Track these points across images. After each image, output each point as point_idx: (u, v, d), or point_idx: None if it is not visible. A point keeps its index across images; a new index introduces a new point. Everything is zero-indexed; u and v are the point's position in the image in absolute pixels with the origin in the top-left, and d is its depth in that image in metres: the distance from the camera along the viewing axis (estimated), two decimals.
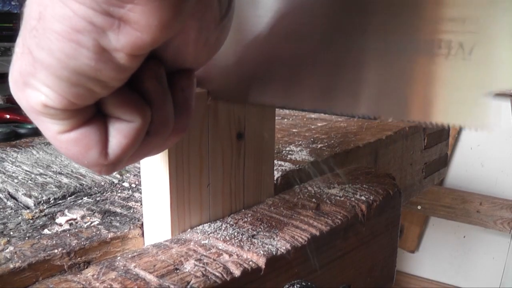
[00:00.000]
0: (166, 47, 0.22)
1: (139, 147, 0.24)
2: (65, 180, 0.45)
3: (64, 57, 0.19)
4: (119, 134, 0.23)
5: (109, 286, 0.27)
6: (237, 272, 0.30)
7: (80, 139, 0.22)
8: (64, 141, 0.22)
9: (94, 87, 0.20)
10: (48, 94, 0.20)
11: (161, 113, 0.24)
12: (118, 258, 0.31)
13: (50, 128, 0.22)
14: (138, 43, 0.19)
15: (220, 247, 0.32)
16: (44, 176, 0.46)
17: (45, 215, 0.37)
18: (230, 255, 0.31)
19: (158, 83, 0.23)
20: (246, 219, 0.37)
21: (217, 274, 0.29)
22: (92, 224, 0.35)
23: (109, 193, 0.43)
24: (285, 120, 0.78)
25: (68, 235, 0.33)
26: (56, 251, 0.31)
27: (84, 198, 0.41)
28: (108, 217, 0.37)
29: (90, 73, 0.20)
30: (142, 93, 0.23)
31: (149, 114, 0.23)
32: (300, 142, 0.61)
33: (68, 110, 0.21)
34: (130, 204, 0.40)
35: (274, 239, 0.34)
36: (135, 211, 0.38)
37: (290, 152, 0.55)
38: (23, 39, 0.20)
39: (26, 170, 0.48)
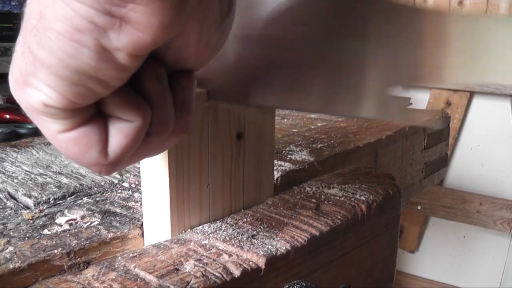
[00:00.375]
0: (167, 48, 0.22)
1: (139, 147, 0.24)
2: (65, 180, 0.45)
3: (65, 56, 0.19)
4: (119, 133, 0.23)
5: (109, 287, 0.27)
6: (237, 273, 0.30)
7: (80, 138, 0.22)
8: (64, 141, 0.22)
9: (95, 86, 0.20)
10: (49, 94, 0.20)
11: (161, 113, 0.24)
12: (118, 258, 0.31)
13: (50, 127, 0.22)
14: (139, 43, 0.19)
15: (220, 247, 0.32)
16: (44, 176, 0.46)
17: (45, 215, 0.37)
18: (230, 255, 0.31)
19: (158, 84, 0.23)
20: (246, 219, 0.37)
21: (217, 274, 0.29)
22: (92, 224, 0.35)
23: (109, 193, 0.43)
24: (285, 120, 0.78)
25: (68, 235, 0.33)
26: (56, 251, 0.31)
27: (84, 198, 0.41)
28: (108, 217, 0.37)
29: (91, 73, 0.20)
30: (142, 93, 0.23)
31: (150, 114, 0.23)
32: (300, 142, 0.61)
33: (68, 110, 0.21)
34: (130, 204, 0.40)
35: (274, 239, 0.34)
36: (135, 211, 0.38)
37: (290, 152, 0.55)
38: (23, 38, 0.20)
39: (26, 170, 0.48)
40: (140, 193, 0.42)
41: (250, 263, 0.31)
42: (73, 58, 0.19)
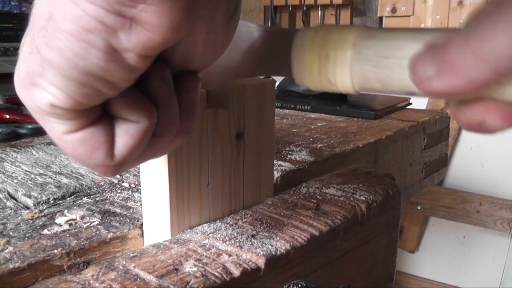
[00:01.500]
0: (174, 49, 0.22)
1: (145, 148, 0.24)
2: (64, 180, 0.45)
3: (74, 57, 0.19)
4: (125, 135, 0.23)
5: (108, 286, 0.27)
6: (236, 272, 0.30)
7: (86, 139, 0.22)
8: (70, 142, 0.22)
9: (103, 87, 0.20)
10: (56, 94, 0.20)
11: (167, 114, 0.24)
12: (118, 258, 0.31)
13: (56, 128, 0.22)
14: (149, 44, 0.19)
15: (219, 247, 0.32)
16: (44, 176, 0.46)
17: (44, 215, 0.37)
18: (230, 255, 0.31)
19: (164, 85, 0.23)
20: (245, 219, 0.37)
21: (217, 274, 0.29)
22: (92, 224, 0.35)
23: (109, 193, 0.43)
24: (285, 120, 0.78)
25: (68, 235, 0.33)
26: (55, 251, 0.31)
27: (83, 198, 0.41)
28: (107, 217, 0.37)
29: (99, 73, 0.20)
30: (148, 94, 0.23)
31: (155, 115, 0.23)
32: (300, 142, 0.61)
33: (75, 110, 0.21)
34: (129, 204, 0.40)
35: (273, 239, 0.34)
36: (134, 211, 0.38)
37: (290, 152, 0.55)
38: (31, 39, 0.20)
39: (26, 170, 0.48)
40: (140, 193, 0.42)
41: (250, 263, 0.31)
42: (81, 58, 0.19)
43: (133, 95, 0.22)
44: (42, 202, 0.40)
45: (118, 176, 0.47)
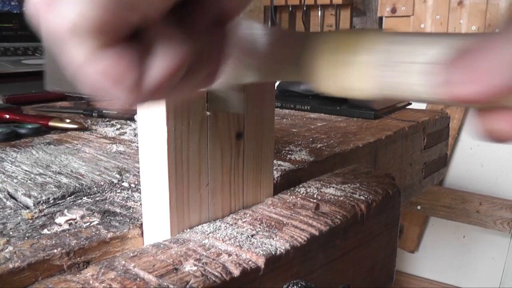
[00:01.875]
0: None
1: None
2: (64, 180, 0.45)
3: None
4: (164, 57, 0.21)
5: (108, 286, 0.27)
6: (236, 272, 0.30)
7: (117, 60, 0.20)
8: (98, 62, 0.20)
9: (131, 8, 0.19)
10: (82, 10, 0.18)
11: (200, 52, 0.23)
12: (118, 258, 0.31)
13: (81, 49, 0.20)
14: None
15: (219, 247, 0.32)
16: (44, 176, 0.46)
17: (44, 215, 0.37)
18: (229, 255, 0.31)
19: (203, 17, 0.22)
20: (245, 219, 0.37)
21: (216, 274, 0.29)
22: (92, 224, 0.35)
23: (109, 193, 0.43)
24: (285, 120, 0.78)
25: (68, 235, 0.33)
26: (55, 251, 0.31)
27: (83, 198, 0.41)
28: (107, 217, 0.37)
29: None
30: (187, 28, 0.22)
31: (192, 49, 0.22)
32: (300, 142, 0.61)
33: (108, 26, 0.19)
34: (129, 204, 0.40)
35: (273, 239, 0.34)
36: (134, 211, 0.38)
37: (290, 152, 0.55)
38: None
39: (26, 170, 0.49)
40: (140, 193, 0.42)
41: (250, 262, 0.31)
42: None
43: (173, 23, 0.21)
44: (42, 202, 0.40)
45: (118, 176, 0.47)
